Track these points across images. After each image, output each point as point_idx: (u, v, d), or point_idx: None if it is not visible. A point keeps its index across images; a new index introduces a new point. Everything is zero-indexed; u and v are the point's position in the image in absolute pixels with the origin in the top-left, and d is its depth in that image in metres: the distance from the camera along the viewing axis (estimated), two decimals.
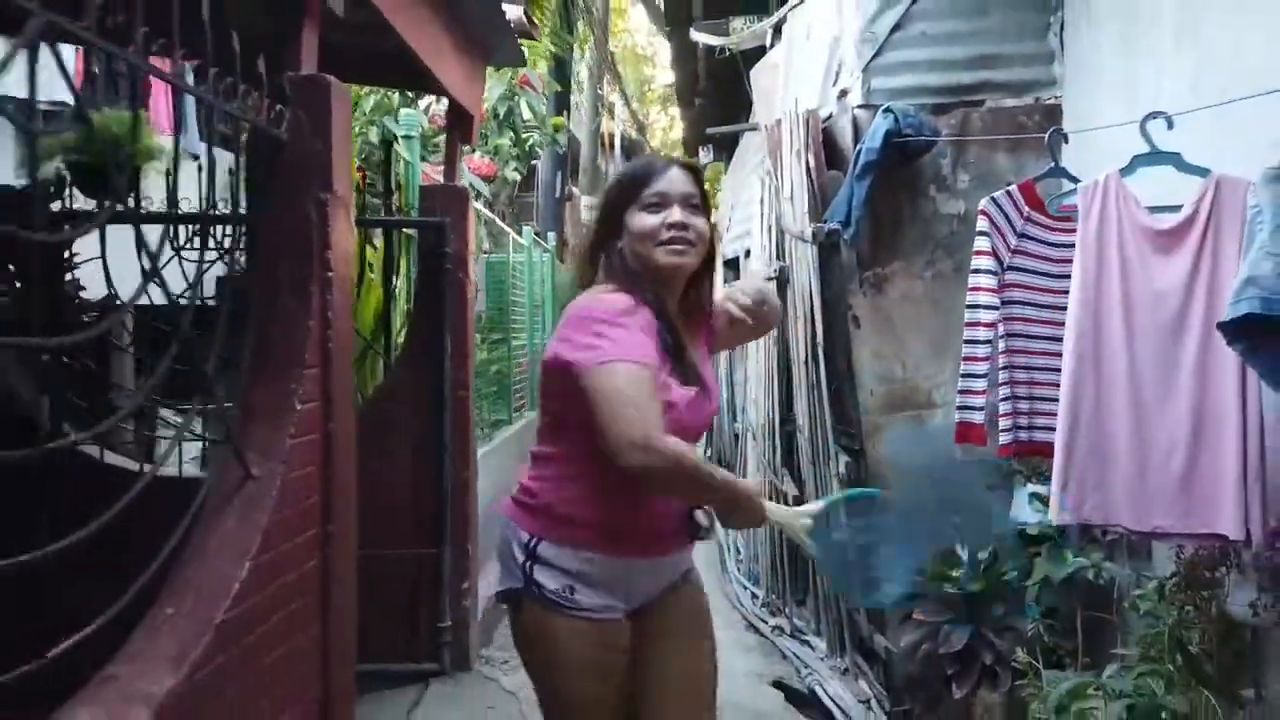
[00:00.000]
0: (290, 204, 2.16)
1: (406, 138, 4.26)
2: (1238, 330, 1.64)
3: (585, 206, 13.23)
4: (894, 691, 3.66)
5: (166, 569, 1.75)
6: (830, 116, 4.13)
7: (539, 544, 1.80)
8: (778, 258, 4.51)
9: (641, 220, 1.81)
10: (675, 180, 1.84)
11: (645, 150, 18.42)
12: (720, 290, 2.07)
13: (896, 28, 3.89)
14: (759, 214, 4.81)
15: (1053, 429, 2.32)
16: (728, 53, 5.73)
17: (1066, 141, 2.65)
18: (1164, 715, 2.28)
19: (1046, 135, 2.62)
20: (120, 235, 1.71)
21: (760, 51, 5.62)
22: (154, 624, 1.70)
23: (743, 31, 5.47)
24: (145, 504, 1.58)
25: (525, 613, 1.83)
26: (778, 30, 5.31)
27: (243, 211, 2.09)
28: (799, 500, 4.37)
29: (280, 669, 1.99)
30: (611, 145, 15.68)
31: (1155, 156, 2.22)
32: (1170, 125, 2.23)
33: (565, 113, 12.54)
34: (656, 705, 1.88)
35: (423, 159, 4.89)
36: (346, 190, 2.30)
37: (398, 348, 4.26)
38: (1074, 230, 2.27)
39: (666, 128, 27.78)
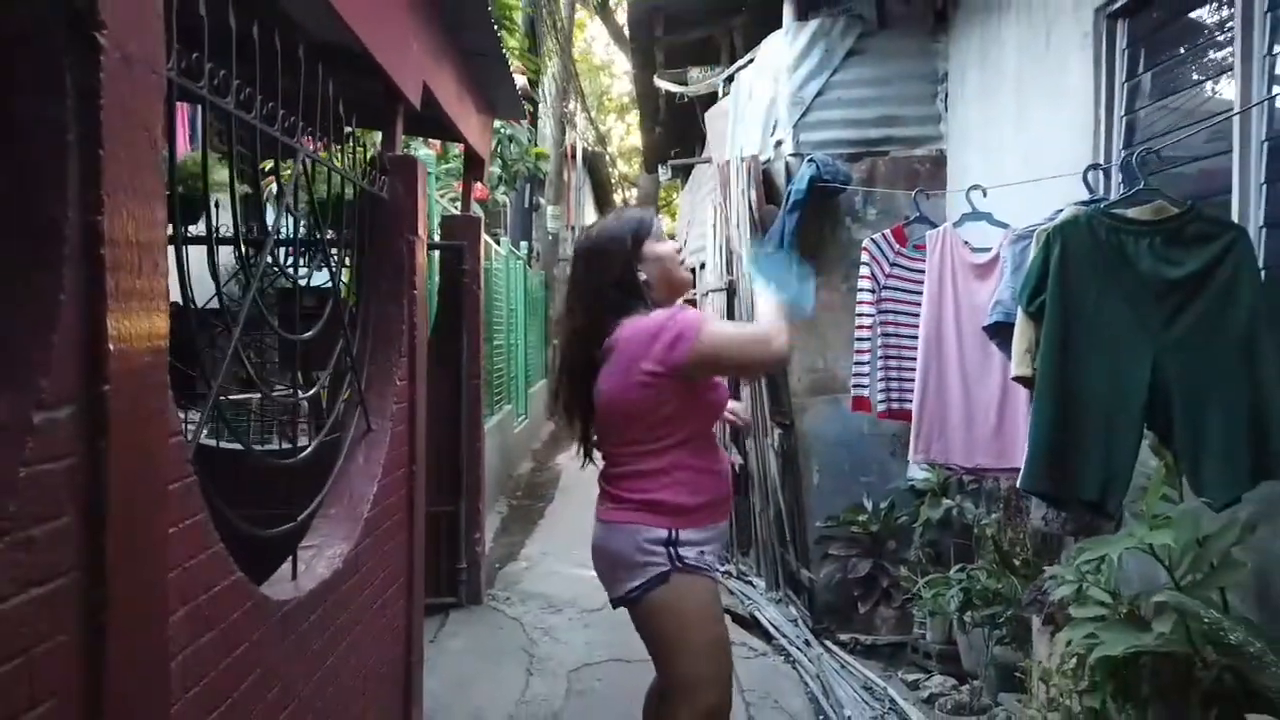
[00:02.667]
0: (389, 242, 3.11)
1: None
2: (994, 331, 2.70)
3: (550, 216, 14.17)
4: (815, 612, 4.69)
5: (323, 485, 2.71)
6: (768, 161, 5.17)
7: (679, 533, 2.17)
8: (727, 272, 5.53)
9: (664, 247, 2.33)
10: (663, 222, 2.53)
11: (606, 161, 19.42)
12: None
13: (819, 93, 4.95)
14: (712, 236, 5.82)
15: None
16: (685, 98, 6.76)
17: (927, 198, 3.70)
18: (985, 593, 3.34)
19: (912, 194, 3.68)
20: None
21: (714, 96, 6.66)
22: (327, 516, 2.66)
23: (698, 81, 6.49)
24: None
25: (672, 586, 2.16)
26: (728, 79, 6.35)
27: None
28: (744, 467, 5.40)
29: (391, 554, 2.96)
30: (574, 157, 16.61)
31: (975, 215, 3.29)
32: (985, 194, 3.29)
33: (533, 129, 13.48)
34: None
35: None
36: (424, 233, 3.27)
37: None
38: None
39: (624, 135, 28.76)
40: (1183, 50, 3.04)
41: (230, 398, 4.68)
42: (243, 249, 1.96)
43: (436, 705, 3.62)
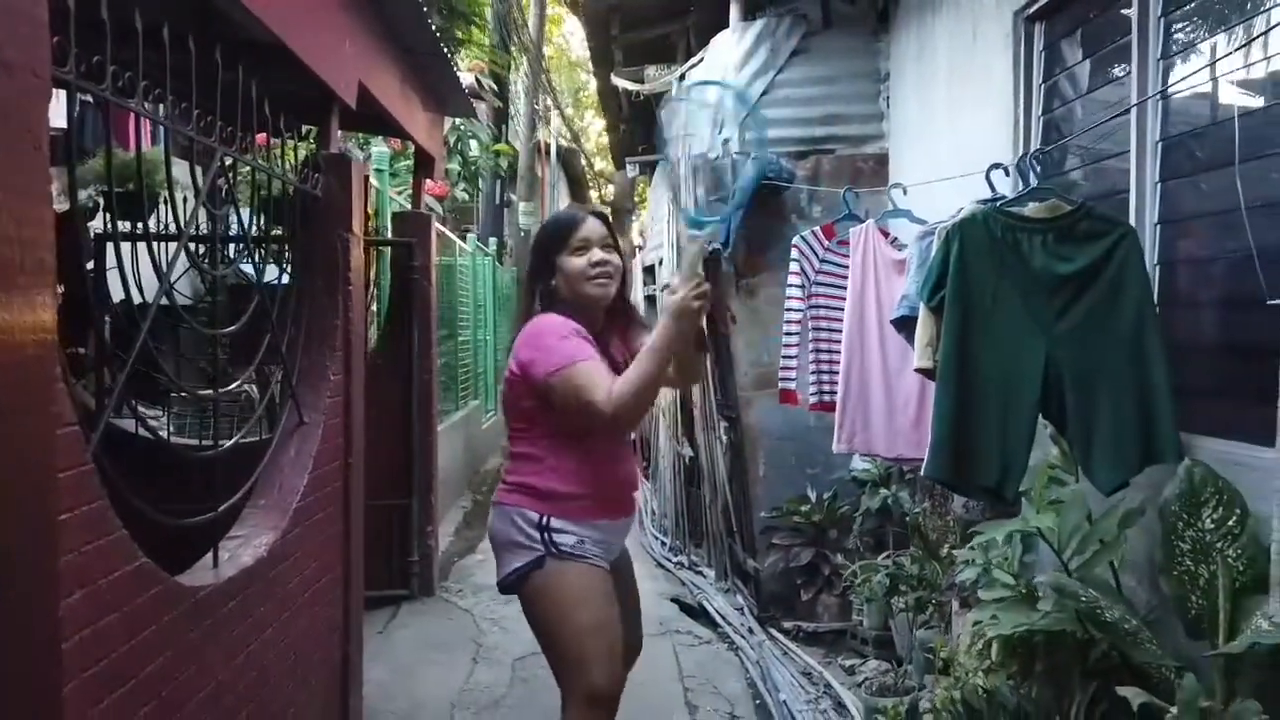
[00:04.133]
0: (324, 238, 3.18)
1: (378, 171, 5.24)
2: (900, 324, 2.80)
3: (523, 213, 14.22)
4: (761, 600, 4.78)
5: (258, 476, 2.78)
6: (717, 159, 5.24)
7: (550, 520, 2.24)
8: (678, 269, 5.60)
9: (572, 262, 2.29)
10: (593, 227, 2.32)
11: (580, 158, 19.47)
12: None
13: (765, 92, 5.03)
14: (666, 232, 5.91)
15: None
16: (642, 96, 6.84)
17: (857, 196, 3.79)
18: (908, 576, 3.45)
19: (842, 191, 3.78)
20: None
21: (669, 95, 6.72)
22: (256, 507, 2.73)
23: (654, 79, 6.57)
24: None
25: (547, 571, 2.22)
26: (681, 78, 6.42)
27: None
28: (694, 460, 5.49)
29: (325, 545, 3.03)
30: (547, 154, 16.64)
31: (896, 212, 3.38)
32: (905, 192, 3.39)
33: (504, 125, 13.51)
34: (623, 625, 2.37)
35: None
36: (360, 230, 3.34)
37: (372, 339, 5.26)
38: None
39: (601, 131, 28.80)
40: (1092, 54, 3.15)
41: (181, 394, 4.72)
42: (151, 246, 2.02)
43: (379, 694, 3.69)
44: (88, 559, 1.62)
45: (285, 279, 3.01)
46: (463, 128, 8.26)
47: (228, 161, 2.42)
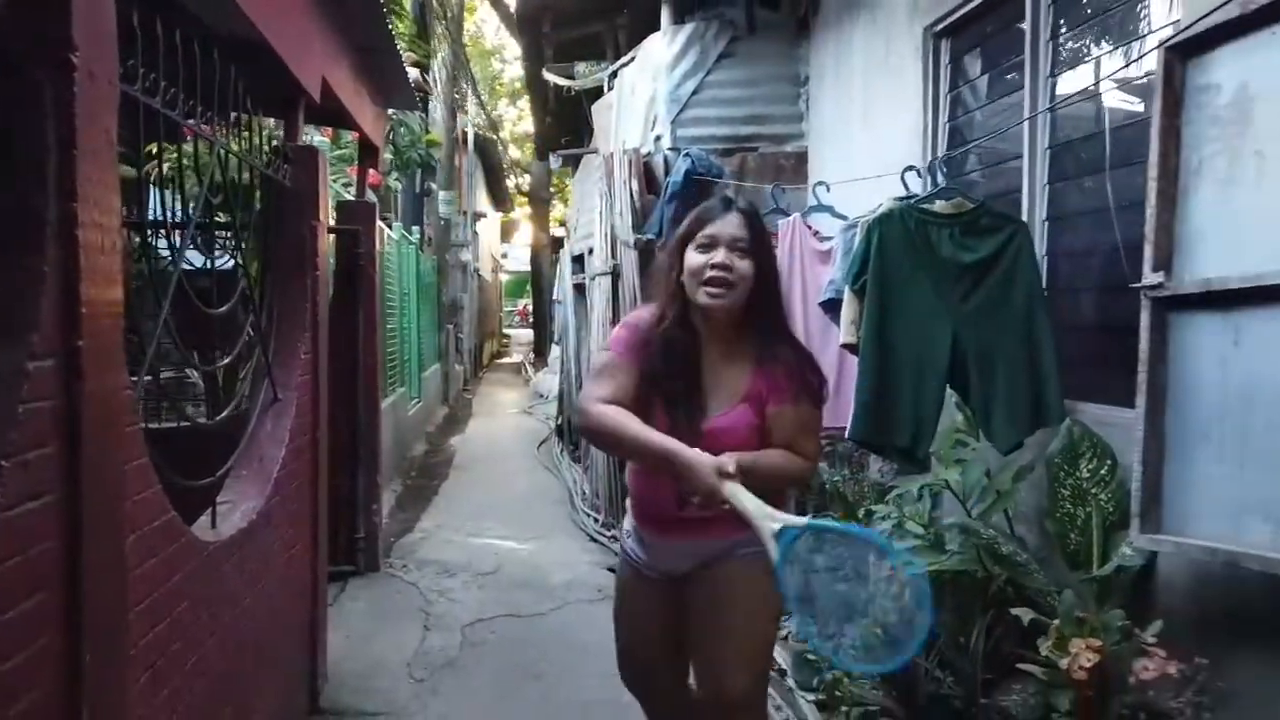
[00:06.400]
0: (293, 227, 3.36)
1: None
2: (828, 306, 3.17)
3: (442, 202, 14.29)
4: None
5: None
6: (649, 154, 5.56)
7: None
8: (612, 257, 5.90)
9: (692, 257, 1.99)
10: (729, 224, 1.99)
11: (498, 147, 19.54)
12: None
13: (695, 92, 5.37)
14: (598, 223, 6.19)
15: None
16: (572, 91, 7.11)
17: (784, 191, 4.15)
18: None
19: (768, 188, 4.13)
20: None
21: (600, 89, 7.01)
22: (239, 476, 2.92)
23: (584, 75, 6.85)
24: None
25: None
26: (613, 75, 6.72)
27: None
28: None
29: (297, 514, 3.23)
30: (466, 142, 16.70)
31: (820, 207, 3.76)
32: (828, 189, 3.76)
33: (424, 114, 13.55)
34: (695, 659, 2.16)
35: None
36: (325, 218, 3.53)
37: None
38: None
39: (516, 120, 28.87)
40: (991, 68, 3.56)
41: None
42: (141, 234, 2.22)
43: (340, 656, 3.89)
44: (138, 508, 1.83)
45: (243, 264, 3.17)
46: (395, 116, 8.37)
47: (217, 151, 2.60)
